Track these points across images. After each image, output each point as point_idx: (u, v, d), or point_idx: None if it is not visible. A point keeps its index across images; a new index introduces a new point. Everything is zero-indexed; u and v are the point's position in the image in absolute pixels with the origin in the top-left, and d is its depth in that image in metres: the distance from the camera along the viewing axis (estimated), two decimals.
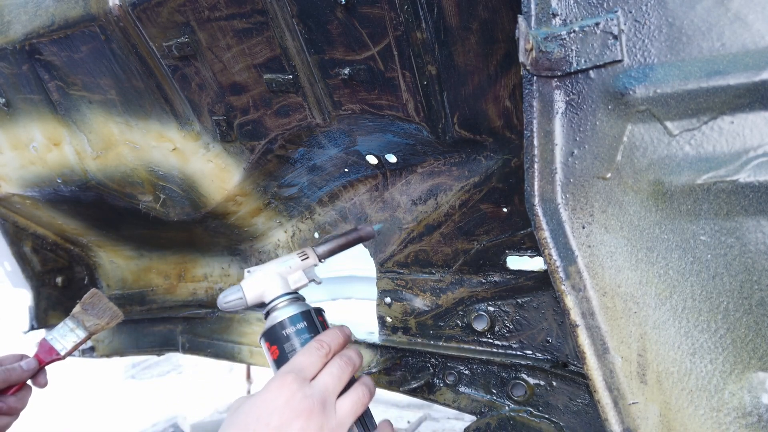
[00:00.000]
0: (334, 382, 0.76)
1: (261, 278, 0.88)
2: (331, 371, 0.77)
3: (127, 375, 5.09)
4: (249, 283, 0.87)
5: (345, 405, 0.76)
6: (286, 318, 0.83)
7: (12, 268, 1.49)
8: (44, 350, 1.07)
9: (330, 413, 0.74)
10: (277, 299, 0.86)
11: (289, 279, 0.90)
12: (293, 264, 0.91)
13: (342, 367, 0.78)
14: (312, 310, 0.86)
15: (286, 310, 0.85)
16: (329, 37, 0.77)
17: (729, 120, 0.49)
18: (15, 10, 0.96)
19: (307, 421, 0.71)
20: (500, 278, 0.97)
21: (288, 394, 0.72)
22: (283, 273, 0.90)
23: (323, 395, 0.74)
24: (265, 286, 0.88)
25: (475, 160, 0.94)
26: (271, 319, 0.85)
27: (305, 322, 0.84)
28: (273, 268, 0.90)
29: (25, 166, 1.18)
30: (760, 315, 0.50)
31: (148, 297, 1.53)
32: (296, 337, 0.82)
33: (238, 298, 0.87)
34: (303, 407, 0.71)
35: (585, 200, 0.56)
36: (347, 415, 0.75)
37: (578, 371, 0.90)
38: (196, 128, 0.97)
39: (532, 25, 0.56)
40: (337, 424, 0.74)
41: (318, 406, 0.72)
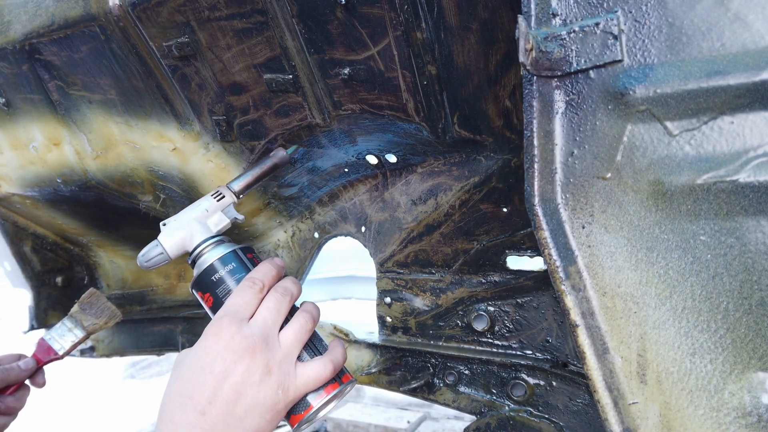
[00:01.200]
0: (273, 315, 0.74)
1: (178, 228, 0.84)
2: (267, 306, 0.74)
3: (126, 375, 5.09)
4: (166, 236, 0.84)
5: (288, 335, 0.73)
6: (213, 262, 0.80)
7: (12, 268, 1.49)
8: (42, 350, 1.06)
9: (274, 347, 0.71)
10: (200, 245, 0.83)
11: (209, 223, 0.86)
12: (209, 206, 0.87)
13: (278, 299, 0.75)
14: (239, 248, 0.82)
15: (212, 254, 0.81)
16: (329, 37, 0.77)
17: (729, 120, 0.49)
18: (15, 9, 0.96)
19: (251, 360, 0.68)
20: (500, 278, 0.97)
21: (227, 337, 0.69)
22: (200, 218, 0.86)
23: (263, 331, 0.72)
24: (185, 234, 0.84)
25: (475, 160, 0.94)
26: (198, 267, 0.82)
27: (234, 263, 0.81)
28: (188, 215, 0.86)
29: (25, 166, 1.18)
30: (760, 315, 0.50)
31: (148, 297, 1.53)
32: (228, 279, 0.79)
33: (158, 253, 0.83)
34: (244, 347, 0.69)
35: (585, 200, 0.56)
36: (292, 344, 0.73)
37: (578, 371, 0.90)
38: (196, 128, 0.97)
39: (532, 25, 0.56)
40: (284, 355, 0.72)
41: (260, 343, 0.70)
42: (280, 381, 0.69)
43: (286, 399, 0.70)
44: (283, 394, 0.70)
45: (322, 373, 0.73)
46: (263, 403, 0.68)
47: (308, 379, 0.72)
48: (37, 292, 1.51)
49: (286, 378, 0.70)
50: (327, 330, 1.15)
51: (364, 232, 1.13)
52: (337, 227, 1.18)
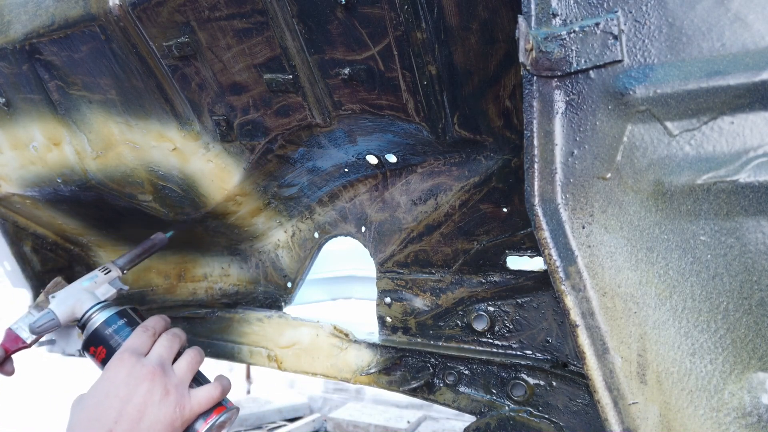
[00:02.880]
0: (166, 351, 0.86)
1: (68, 297, 0.95)
2: (161, 344, 0.87)
3: None
4: (57, 304, 0.95)
5: (182, 365, 0.86)
6: (105, 319, 0.91)
7: (12, 268, 1.49)
8: (10, 339, 1.07)
9: (170, 373, 0.84)
10: (89, 310, 0.93)
11: (97, 292, 0.99)
12: (98, 279, 1.01)
13: (170, 339, 0.88)
14: (128, 308, 0.94)
15: (103, 314, 0.92)
16: (329, 37, 0.77)
17: (729, 120, 0.49)
18: (15, 9, 0.96)
19: (151, 382, 0.80)
20: (500, 278, 0.97)
21: (128, 366, 0.81)
22: (89, 288, 0.99)
23: (160, 361, 0.84)
24: (74, 302, 0.95)
25: (475, 160, 0.94)
26: (89, 327, 0.92)
27: (125, 318, 0.92)
28: (77, 287, 0.98)
29: (25, 165, 1.18)
30: (760, 315, 0.50)
31: (148, 297, 1.53)
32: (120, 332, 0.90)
33: (50, 319, 0.94)
34: (145, 373, 0.80)
35: (585, 200, 0.56)
36: (185, 372, 0.85)
37: (578, 371, 0.90)
38: (196, 128, 0.98)
39: (532, 25, 0.56)
40: (179, 380, 0.84)
41: (158, 369, 0.82)
42: (177, 401, 0.81)
43: (183, 417, 0.81)
44: (179, 412, 0.81)
45: (212, 394, 0.85)
46: (163, 420, 0.79)
47: (201, 399, 0.84)
48: (37, 292, 1.51)
49: (181, 399, 0.82)
50: (327, 330, 1.15)
51: (364, 232, 1.13)
52: (337, 227, 1.18)
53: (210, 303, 1.44)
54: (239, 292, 1.39)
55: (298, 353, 1.19)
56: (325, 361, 1.15)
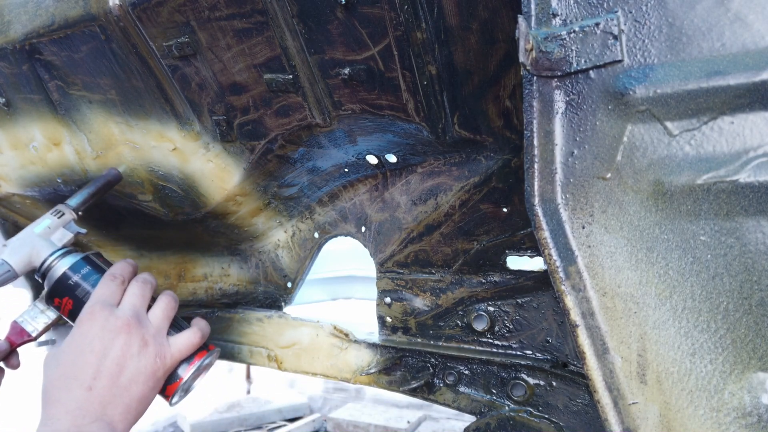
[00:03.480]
0: (138, 300, 0.82)
1: (22, 245, 0.87)
2: (132, 292, 0.83)
3: None
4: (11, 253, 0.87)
5: (157, 313, 0.82)
6: (68, 268, 0.85)
7: None
8: (15, 332, 1.06)
9: (146, 323, 0.80)
10: (49, 257, 0.86)
11: (53, 238, 0.90)
12: (51, 224, 0.92)
13: (141, 286, 0.84)
14: (90, 254, 0.88)
15: (65, 262, 0.85)
16: (329, 37, 0.77)
17: (729, 120, 0.49)
18: (15, 9, 0.96)
19: (127, 335, 0.76)
20: (500, 278, 0.97)
21: (101, 320, 0.77)
22: (44, 234, 0.90)
23: (134, 311, 0.80)
24: (30, 250, 0.87)
25: (475, 160, 0.94)
26: (51, 277, 0.85)
27: (89, 266, 0.86)
28: (30, 232, 0.89)
29: (25, 165, 1.18)
30: (760, 315, 0.50)
31: None
32: (86, 281, 0.84)
33: (6, 271, 0.86)
34: (120, 325, 0.77)
35: (585, 200, 0.56)
36: (161, 320, 0.82)
37: (578, 371, 0.90)
38: (196, 128, 0.98)
39: (532, 25, 0.56)
40: (156, 330, 0.80)
41: (133, 320, 0.78)
42: (156, 351, 0.78)
43: (164, 366, 0.79)
44: (161, 362, 0.78)
45: (192, 340, 0.82)
46: (144, 371, 0.76)
47: (181, 346, 0.81)
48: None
49: (161, 348, 0.79)
50: (327, 330, 1.15)
51: (364, 232, 1.13)
52: (337, 227, 1.18)
53: (210, 303, 1.44)
54: (239, 292, 1.39)
55: (298, 353, 1.19)
56: (325, 361, 1.15)
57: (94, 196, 1.01)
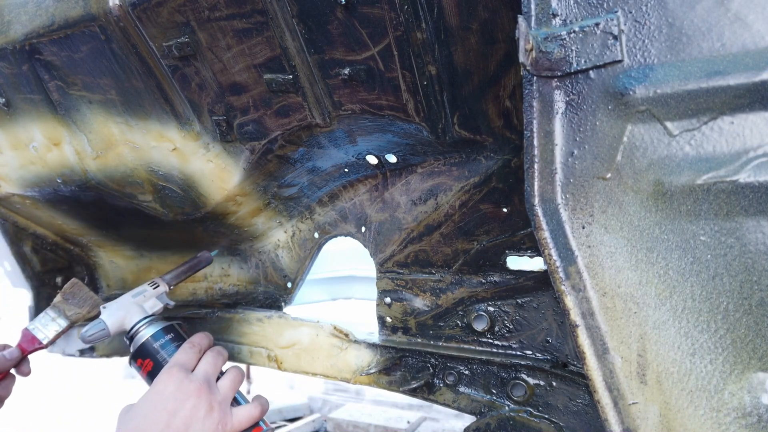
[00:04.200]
0: (212, 368, 0.90)
1: (118, 309, 0.99)
2: (207, 360, 0.91)
3: (126, 375, 5.09)
4: (108, 315, 0.98)
5: (225, 383, 0.90)
6: (153, 333, 0.95)
7: (12, 268, 1.49)
8: (27, 340, 1.08)
9: (215, 390, 0.87)
10: (138, 323, 0.97)
11: (145, 306, 1.02)
12: (146, 293, 1.04)
13: (215, 356, 0.93)
14: (174, 324, 0.97)
15: (151, 328, 0.96)
16: (329, 37, 0.77)
17: (729, 120, 0.49)
18: (15, 9, 0.96)
19: (197, 398, 0.83)
20: (500, 278, 0.97)
21: (177, 381, 0.84)
22: (138, 302, 1.02)
23: (206, 377, 0.88)
24: (124, 314, 0.99)
25: (475, 160, 0.94)
26: (138, 340, 0.96)
27: (172, 333, 0.96)
28: (128, 299, 1.01)
29: (25, 166, 1.18)
30: (760, 315, 0.50)
31: None
32: (167, 347, 0.94)
33: (100, 329, 0.97)
34: (192, 389, 0.84)
35: (585, 200, 0.56)
36: (228, 390, 0.89)
37: (578, 371, 0.90)
38: (196, 128, 0.98)
39: (532, 25, 0.56)
40: (222, 398, 0.87)
41: (204, 386, 0.86)
42: (220, 418, 0.84)
43: None
44: (221, 429, 0.84)
45: (253, 413, 0.89)
46: None
47: (242, 418, 0.88)
48: (37, 292, 1.51)
49: (224, 416, 0.85)
50: (327, 330, 1.15)
51: (364, 232, 1.13)
52: (337, 227, 1.18)
53: (210, 303, 1.44)
54: (239, 293, 1.39)
55: (298, 353, 1.19)
56: (325, 361, 1.15)
57: (186, 273, 1.16)
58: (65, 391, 4.44)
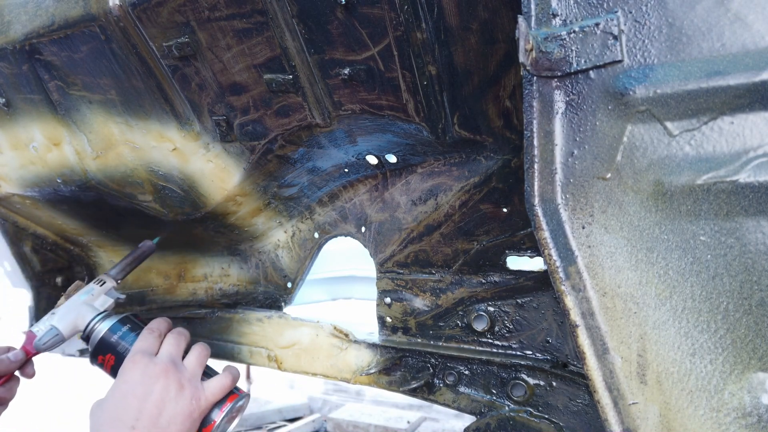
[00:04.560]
0: (174, 348, 0.90)
1: (69, 312, 0.99)
2: (169, 342, 0.91)
3: None
4: (59, 319, 0.98)
5: (191, 360, 0.90)
6: (110, 327, 0.95)
7: (12, 268, 1.49)
8: (31, 342, 1.08)
9: (182, 368, 0.87)
10: (92, 320, 0.97)
11: (96, 304, 1.02)
12: (94, 292, 1.04)
13: (176, 337, 0.92)
14: (129, 315, 0.97)
15: (106, 323, 0.96)
16: (329, 38, 0.77)
17: (729, 120, 0.49)
18: (15, 10, 0.96)
19: (165, 379, 0.83)
20: (500, 278, 0.97)
21: (142, 366, 0.84)
22: (87, 301, 1.02)
23: (170, 358, 0.87)
24: (76, 315, 0.99)
25: (475, 160, 0.94)
26: (95, 337, 0.95)
27: (129, 324, 0.96)
28: (75, 301, 1.01)
29: (25, 166, 1.18)
30: (760, 315, 0.50)
31: (148, 297, 1.53)
32: (126, 337, 0.94)
33: (54, 336, 0.97)
34: (158, 370, 0.84)
35: (585, 200, 0.56)
36: (195, 366, 0.89)
37: (578, 371, 0.90)
38: (196, 128, 0.98)
39: (532, 25, 0.56)
40: (191, 374, 0.87)
41: (171, 366, 0.85)
42: (192, 393, 0.84)
43: (200, 408, 0.85)
44: (196, 404, 0.84)
45: (224, 383, 0.89)
46: (181, 412, 0.82)
47: (214, 389, 0.87)
48: (37, 292, 1.51)
49: (196, 391, 0.85)
50: (327, 330, 1.15)
51: (364, 232, 1.13)
52: (337, 227, 1.18)
53: (210, 303, 1.44)
54: (239, 293, 1.39)
55: (298, 353, 1.19)
56: (325, 362, 1.15)
57: (131, 265, 1.15)
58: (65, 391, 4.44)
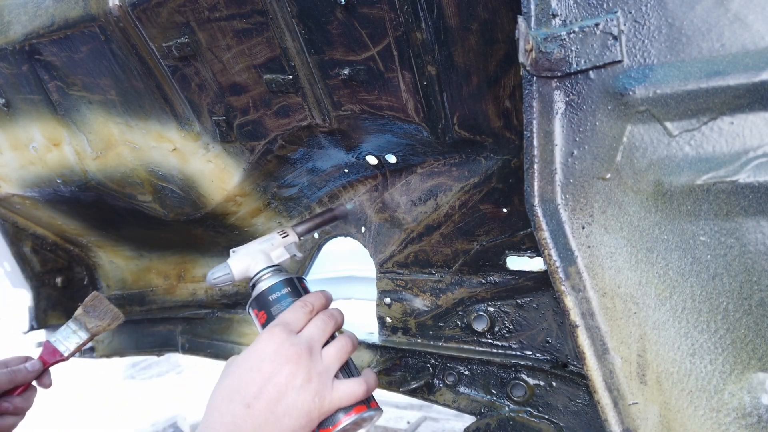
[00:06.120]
0: (319, 333, 0.82)
1: (245, 255, 0.96)
2: (316, 324, 0.83)
3: (126, 375, 5.09)
4: (234, 260, 0.95)
5: (330, 352, 0.81)
6: (271, 284, 0.91)
7: (12, 268, 1.49)
8: (48, 352, 1.10)
9: (317, 359, 0.79)
10: (261, 271, 0.93)
11: (272, 255, 0.98)
12: (275, 241, 1.00)
13: (325, 320, 0.84)
14: (294, 277, 0.93)
15: (271, 279, 0.92)
16: (329, 38, 0.77)
17: (729, 120, 0.49)
18: (15, 10, 0.96)
19: (296, 365, 0.76)
20: (500, 279, 0.97)
21: (277, 342, 0.77)
22: (265, 250, 0.98)
23: (309, 343, 0.79)
24: (250, 261, 0.95)
25: (474, 160, 0.94)
26: (257, 289, 0.92)
27: (289, 287, 0.91)
28: (256, 246, 0.98)
29: (24, 166, 1.18)
30: (760, 315, 0.50)
31: (148, 297, 1.53)
32: (282, 301, 0.89)
33: (225, 273, 0.94)
34: (291, 353, 0.76)
35: (585, 201, 0.56)
36: (333, 361, 0.80)
37: (578, 372, 0.90)
38: (196, 128, 0.98)
39: (531, 25, 0.56)
40: (324, 368, 0.79)
41: (305, 352, 0.77)
42: (318, 390, 0.76)
43: (321, 408, 0.76)
44: (319, 403, 0.76)
45: (356, 391, 0.79)
46: (301, 407, 0.74)
47: (343, 394, 0.78)
48: (36, 292, 1.51)
49: (323, 389, 0.76)
50: None
51: (364, 232, 1.13)
52: (336, 228, 1.18)
53: (210, 303, 1.44)
54: (239, 293, 1.39)
55: None
56: None
57: (319, 226, 1.11)
58: (65, 391, 4.44)
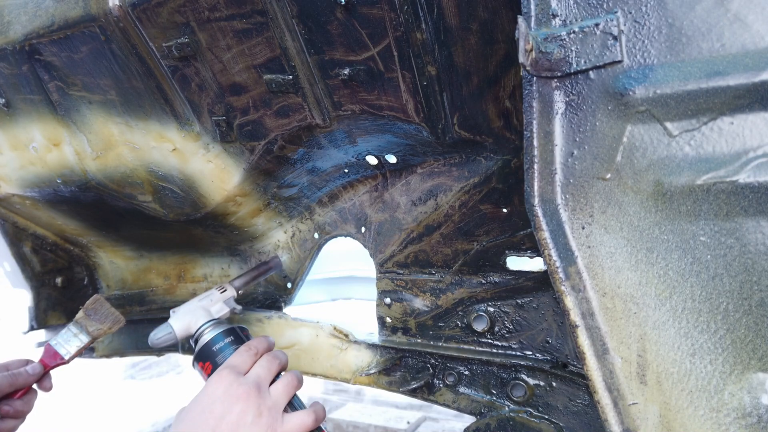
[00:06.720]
0: (265, 372, 0.86)
1: (185, 313, 1.01)
2: (261, 364, 0.88)
3: (126, 375, 5.09)
4: (175, 319, 1.00)
5: (278, 388, 0.85)
6: (213, 336, 0.95)
7: (12, 268, 1.49)
8: (49, 355, 1.10)
9: (265, 395, 0.83)
10: (202, 326, 0.99)
11: (212, 310, 1.05)
12: (213, 297, 1.07)
13: (270, 360, 0.89)
14: (236, 327, 0.97)
15: (212, 331, 0.96)
16: (329, 38, 0.77)
17: (729, 121, 0.49)
18: (15, 10, 0.96)
19: (246, 403, 0.80)
20: (500, 279, 0.97)
21: (226, 384, 0.82)
22: (205, 306, 1.04)
23: (257, 381, 0.84)
24: (190, 318, 1.01)
25: (474, 160, 0.94)
26: (200, 342, 0.96)
27: (231, 336, 0.96)
28: (195, 303, 1.04)
29: (24, 166, 1.18)
30: (760, 316, 0.50)
31: (148, 297, 1.53)
32: (225, 350, 0.93)
33: (167, 333, 0.99)
34: (241, 392, 0.81)
35: (585, 201, 0.56)
36: (281, 395, 0.85)
37: (578, 372, 0.90)
38: (196, 129, 0.97)
39: (532, 25, 0.56)
40: (273, 403, 0.83)
41: (254, 390, 0.81)
42: (269, 423, 0.80)
43: None
44: None
45: (305, 421, 0.83)
46: None
47: (294, 426, 0.82)
48: (36, 292, 1.51)
49: (274, 422, 0.81)
50: (327, 331, 1.15)
51: (363, 232, 1.13)
52: (336, 228, 1.18)
53: None
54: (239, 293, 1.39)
55: (297, 354, 1.19)
56: (325, 362, 1.15)
57: (255, 279, 1.19)
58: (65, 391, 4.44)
